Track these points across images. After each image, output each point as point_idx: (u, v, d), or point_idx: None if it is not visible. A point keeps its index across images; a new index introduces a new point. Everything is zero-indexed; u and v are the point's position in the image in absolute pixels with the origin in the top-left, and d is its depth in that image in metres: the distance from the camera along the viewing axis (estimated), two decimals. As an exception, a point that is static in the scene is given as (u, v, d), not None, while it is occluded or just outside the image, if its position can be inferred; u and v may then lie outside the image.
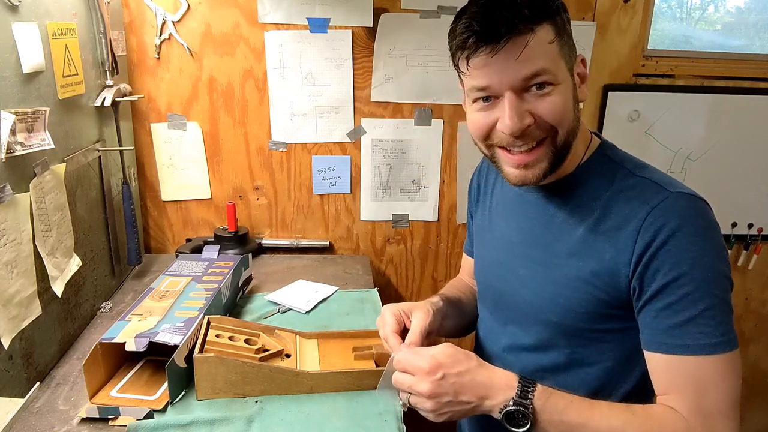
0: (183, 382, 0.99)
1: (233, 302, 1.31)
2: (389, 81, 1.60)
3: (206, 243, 1.56)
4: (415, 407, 0.79)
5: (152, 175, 1.62)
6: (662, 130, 1.72)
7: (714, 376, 0.72)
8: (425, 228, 1.77)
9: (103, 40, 1.30)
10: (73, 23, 1.16)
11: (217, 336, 1.02)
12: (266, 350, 1.03)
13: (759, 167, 1.79)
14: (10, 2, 0.94)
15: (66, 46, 1.13)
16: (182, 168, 1.62)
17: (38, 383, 1.01)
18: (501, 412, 0.75)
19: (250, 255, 1.46)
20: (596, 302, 0.80)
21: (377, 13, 1.53)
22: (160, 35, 1.50)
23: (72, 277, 1.14)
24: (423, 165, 1.69)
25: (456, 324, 1.04)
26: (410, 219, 1.75)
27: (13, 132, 0.93)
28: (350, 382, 1.01)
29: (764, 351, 2.04)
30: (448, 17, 1.54)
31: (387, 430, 0.93)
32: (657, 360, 0.76)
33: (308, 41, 1.54)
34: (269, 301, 1.36)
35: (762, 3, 1.88)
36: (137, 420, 0.92)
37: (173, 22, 1.49)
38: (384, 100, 1.62)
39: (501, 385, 0.76)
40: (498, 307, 0.96)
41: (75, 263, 1.16)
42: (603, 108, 1.69)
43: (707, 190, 0.80)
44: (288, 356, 1.06)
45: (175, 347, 0.96)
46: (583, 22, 1.61)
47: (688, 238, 0.73)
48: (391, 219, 1.74)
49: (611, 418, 0.74)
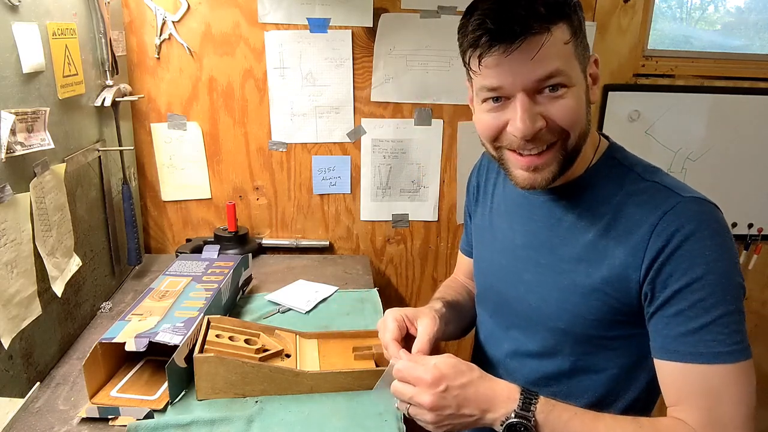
0: (183, 382, 0.99)
1: (233, 302, 1.31)
2: (389, 81, 1.60)
3: (206, 243, 1.56)
4: (414, 418, 0.77)
5: (152, 175, 1.62)
6: (662, 130, 1.72)
7: (728, 387, 0.70)
8: (425, 228, 1.77)
9: (103, 40, 1.30)
10: (73, 23, 1.16)
11: (217, 336, 1.02)
12: (266, 350, 1.03)
13: (759, 167, 1.79)
14: (10, 2, 0.94)
15: (66, 46, 1.13)
16: (182, 168, 1.62)
17: (38, 383, 1.01)
18: (503, 425, 0.72)
19: (250, 255, 1.46)
20: (606, 309, 0.78)
21: (377, 13, 1.53)
22: (160, 35, 1.50)
23: (72, 277, 1.14)
24: (423, 165, 1.69)
25: (456, 328, 1.03)
26: (410, 219, 1.75)
27: (13, 132, 0.93)
28: (350, 382, 1.01)
29: (764, 351, 2.04)
30: (448, 17, 1.56)
31: (387, 430, 0.93)
32: (668, 369, 0.73)
33: (308, 41, 1.54)
34: (269, 301, 1.36)
35: (762, 3, 1.88)
36: (137, 420, 0.92)
37: (173, 22, 1.49)
38: (384, 100, 1.62)
39: (503, 398, 0.73)
40: (500, 311, 0.94)
41: (75, 263, 1.16)
42: (603, 108, 1.69)
43: (707, 190, 0.79)
44: (288, 356, 1.06)
45: (175, 347, 0.96)
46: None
47: (703, 243, 0.71)
48: (391, 219, 1.74)
49: (617, 431, 0.72)
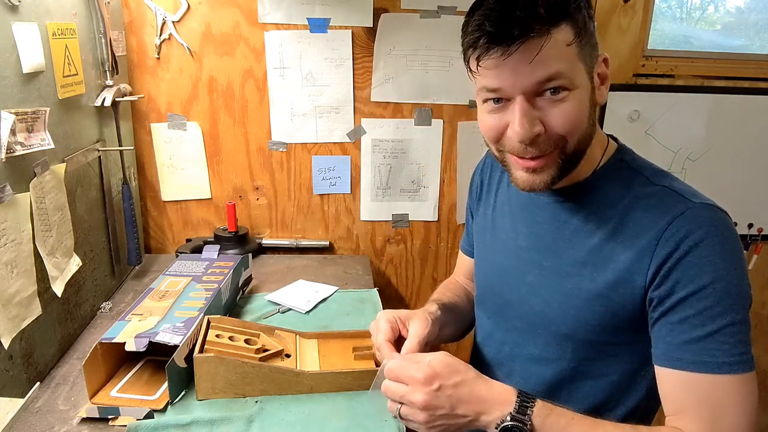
0: (183, 382, 0.99)
1: (233, 302, 1.31)
2: (389, 81, 1.60)
3: (206, 243, 1.56)
4: (406, 418, 0.74)
5: (152, 175, 1.62)
6: (662, 130, 1.72)
7: (730, 398, 0.68)
8: (425, 228, 1.77)
9: (103, 40, 1.30)
10: (73, 23, 1.16)
11: (217, 336, 1.02)
12: (266, 350, 1.03)
13: (759, 167, 1.79)
14: (10, 2, 0.94)
15: (66, 46, 1.13)
16: (182, 168, 1.62)
17: (38, 383, 1.01)
18: (497, 428, 0.70)
19: (250, 255, 1.46)
20: (609, 315, 0.77)
21: (377, 13, 1.53)
22: (160, 35, 1.50)
23: (72, 277, 1.14)
24: (423, 165, 1.69)
25: (453, 331, 1.02)
26: (410, 219, 1.75)
27: (13, 132, 0.93)
28: (350, 382, 1.01)
29: (764, 351, 2.04)
30: (448, 17, 1.56)
31: (387, 430, 0.93)
32: (670, 377, 0.72)
33: (308, 41, 1.54)
34: (269, 301, 1.36)
35: (762, 3, 1.88)
36: (137, 420, 0.92)
37: (173, 22, 1.49)
38: (384, 100, 1.62)
39: (499, 400, 0.71)
40: (500, 313, 0.92)
41: (75, 263, 1.16)
42: (603, 108, 1.69)
43: (707, 190, 0.78)
44: (288, 356, 1.06)
45: (175, 347, 0.96)
46: (583, 22, 1.60)
47: (712, 250, 0.70)
48: (391, 219, 1.74)
49: None
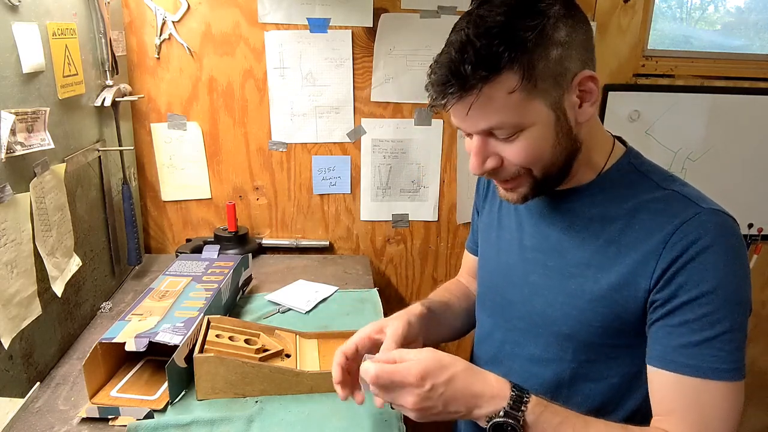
0: (183, 382, 0.99)
1: (233, 302, 1.32)
2: (389, 81, 1.60)
3: (206, 243, 1.56)
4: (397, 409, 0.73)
5: (152, 175, 1.62)
6: (662, 130, 1.73)
7: (719, 404, 0.70)
8: (425, 228, 1.77)
9: (103, 40, 1.30)
10: (73, 23, 1.17)
11: (217, 336, 1.02)
12: (266, 350, 1.03)
13: (759, 167, 1.79)
14: (10, 2, 0.94)
15: (66, 46, 1.13)
16: (182, 168, 1.62)
17: (38, 383, 1.01)
18: (489, 422, 0.69)
19: (250, 255, 1.46)
20: (612, 317, 0.77)
21: (377, 13, 1.53)
22: (160, 35, 1.50)
23: (72, 277, 1.14)
24: (423, 165, 1.69)
25: (445, 330, 1.01)
26: (410, 219, 1.75)
27: (13, 132, 0.93)
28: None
29: (763, 351, 2.04)
30: (448, 17, 1.56)
31: (387, 430, 0.93)
32: (662, 378, 0.72)
33: (308, 41, 1.54)
34: (269, 301, 1.36)
35: (762, 3, 1.88)
36: (137, 420, 0.92)
37: (173, 22, 1.49)
38: (384, 100, 1.62)
39: (492, 393, 0.70)
40: (501, 312, 0.92)
41: (75, 263, 1.16)
42: (603, 108, 1.69)
43: (707, 190, 0.78)
44: (288, 356, 1.06)
45: (175, 347, 0.96)
46: (583, 22, 1.60)
47: (718, 257, 0.70)
48: (391, 219, 1.74)
49: None
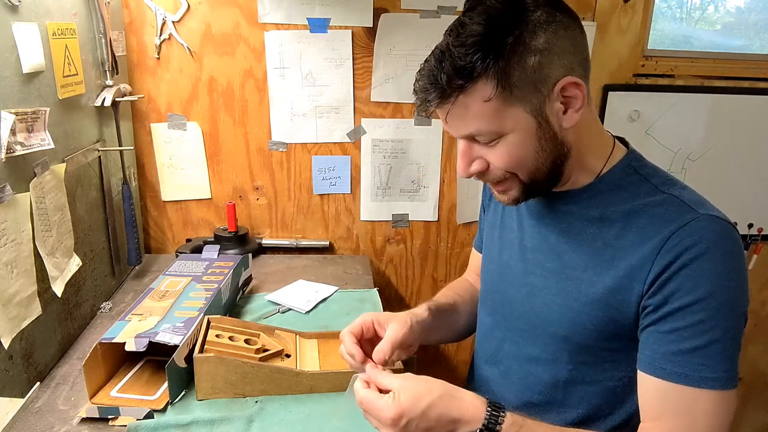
0: (183, 382, 0.99)
1: (233, 302, 1.32)
2: (389, 81, 1.60)
3: (206, 243, 1.56)
4: None
5: (152, 175, 1.62)
6: (662, 130, 1.73)
7: (706, 412, 0.69)
8: (425, 228, 1.77)
9: (103, 40, 1.30)
10: (73, 23, 1.17)
11: (217, 336, 1.02)
12: (266, 350, 1.03)
13: (759, 167, 1.79)
14: (10, 2, 0.94)
15: (66, 46, 1.13)
16: (182, 168, 1.62)
17: (38, 383, 1.01)
18: None
19: (250, 255, 1.46)
20: (607, 320, 0.77)
21: (377, 13, 1.53)
22: (160, 35, 1.50)
23: (72, 277, 1.14)
24: (423, 165, 1.69)
25: (447, 333, 1.02)
26: (410, 219, 1.75)
27: (13, 132, 0.93)
28: (350, 382, 1.01)
29: (763, 351, 2.04)
30: (448, 17, 1.56)
31: (387, 430, 0.93)
32: (650, 383, 0.73)
33: (308, 41, 1.54)
34: (269, 301, 1.36)
35: (762, 3, 1.88)
36: (137, 420, 0.92)
37: (173, 22, 1.49)
38: (384, 100, 1.62)
39: (468, 415, 0.71)
40: (501, 311, 0.93)
41: (75, 263, 1.16)
42: (603, 108, 1.69)
43: (707, 190, 0.78)
44: (288, 356, 1.06)
45: (175, 347, 0.96)
46: (583, 22, 1.58)
47: (713, 265, 0.69)
48: (391, 219, 1.74)
49: None
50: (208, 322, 1.05)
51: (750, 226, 1.85)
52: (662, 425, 0.72)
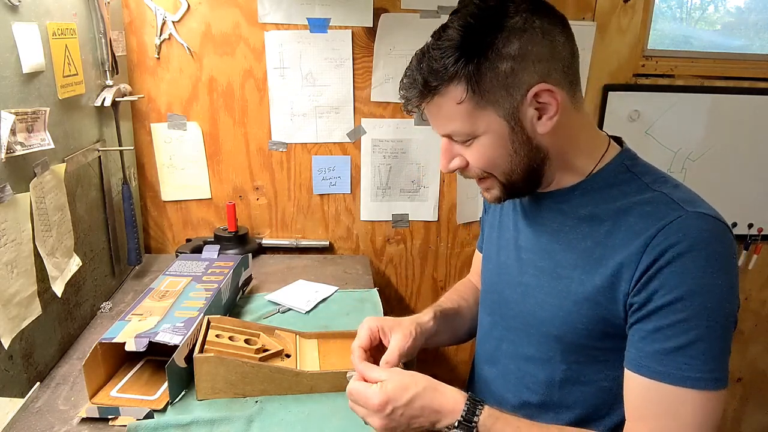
0: (183, 382, 0.99)
1: (233, 302, 1.32)
2: (389, 81, 1.60)
3: (206, 243, 1.56)
4: None
5: (152, 175, 1.62)
6: (662, 130, 1.73)
7: (689, 412, 0.69)
8: (425, 228, 1.77)
9: (103, 40, 1.30)
10: (73, 23, 1.17)
11: (217, 336, 1.02)
12: (266, 350, 1.03)
13: (759, 167, 1.79)
14: (10, 2, 0.94)
15: (66, 46, 1.13)
16: (182, 168, 1.62)
17: (38, 383, 1.01)
18: None
19: (250, 255, 1.46)
20: (597, 319, 0.77)
21: (377, 13, 1.53)
22: (160, 35, 1.50)
23: (72, 277, 1.14)
24: (423, 165, 1.69)
25: (450, 337, 1.02)
26: (410, 219, 1.75)
27: (13, 132, 0.93)
28: (350, 382, 1.01)
29: (763, 351, 2.04)
30: (448, 17, 1.55)
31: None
32: (636, 382, 0.72)
33: (308, 41, 1.54)
34: (269, 301, 1.36)
35: (762, 3, 1.89)
36: (137, 420, 0.92)
37: (173, 22, 1.49)
38: (384, 100, 1.62)
39: (449, 408, 0.75)
40: (498, 311, 0.93)
41: (75, 263, 1.16)
42: (603, 108, 1.69)
43: (707, 190, 0.78)
44: (288, 356, 1.06)
45: (175, 347, 0.96)
46: (583, 22, 1.61)
47: (697, 263, 0.68)
48: (391, 219, 1.74)
49: None
50: (208, 322, 1.05)
51: (750, 226, 1.85)
52: (646, 425, 0.72)
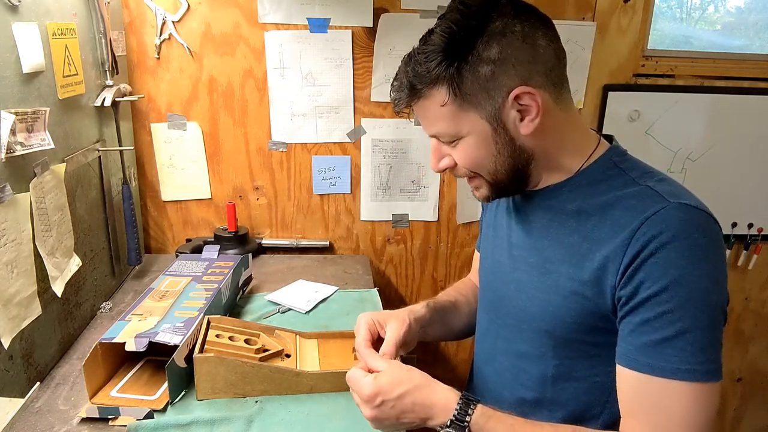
0: (183, 382, 0.99)
1: (233, 302, 1.31)
2: (389, 81, 1.57)
3: (206, 243, 1.56)
4: None
5: (152, 175, 1.62)
6: (662, 130, 1.73)
7: (680, 405, 0.68)
8: (425, 228, 1.77)
9: (103, 40, 1.30)
10: (73, 23, 1.17)
11: (217, 336, 1.02)
12: (266, 350, 1.03)
13: (759, 167, 1.79)
14: (10, 2, 0.94)
15: (66, 46, 1.13)
16: (182, 168, 1.62)
17: (38, 383, 1.01)
18: (441, 431, 0.75)
19: (250, 255, 1.46)
20: (585, 313, 0.77)
21: (377, 13, 1.53)
22: (160, 35, 1.50)
23: (72, 277, 1.14)
24: (423, 165, 1.69)
25: (444, 330, 1.03)
26: (410, 219, 1.75)
27: (13, 132, 0.93)
28: (350, 382, 1.00)
29: (764, 351, 2.04)
30: (448, 17, 1.55)
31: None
32: (627, 376, 0.72)
33: (308, 41, 1.54)
34: (269, 301, 1.36)
35: (762, 3, 1.89)
36: (137, 420, 0.92)
37: (173, 22, 1.49)
38: (384, 100, 1.62)
39: (441, 406, 0.75)
40: (494, 309, 0.94)
41: (75, 263, 1.16)
42: (603, 108, 1.69)
43: (707, 190, 0.78)
44: (288, 356, 1.06)
45: (175, 347, 0.96)
46: (583, 22, 1.61)
47: (679, 253, 0.68)
48: (391, 219, 1.74)
49: None
50: (208, 322, 1.05)
51: (750, 226, 1.85)
52: (639, 420, 0.71)
